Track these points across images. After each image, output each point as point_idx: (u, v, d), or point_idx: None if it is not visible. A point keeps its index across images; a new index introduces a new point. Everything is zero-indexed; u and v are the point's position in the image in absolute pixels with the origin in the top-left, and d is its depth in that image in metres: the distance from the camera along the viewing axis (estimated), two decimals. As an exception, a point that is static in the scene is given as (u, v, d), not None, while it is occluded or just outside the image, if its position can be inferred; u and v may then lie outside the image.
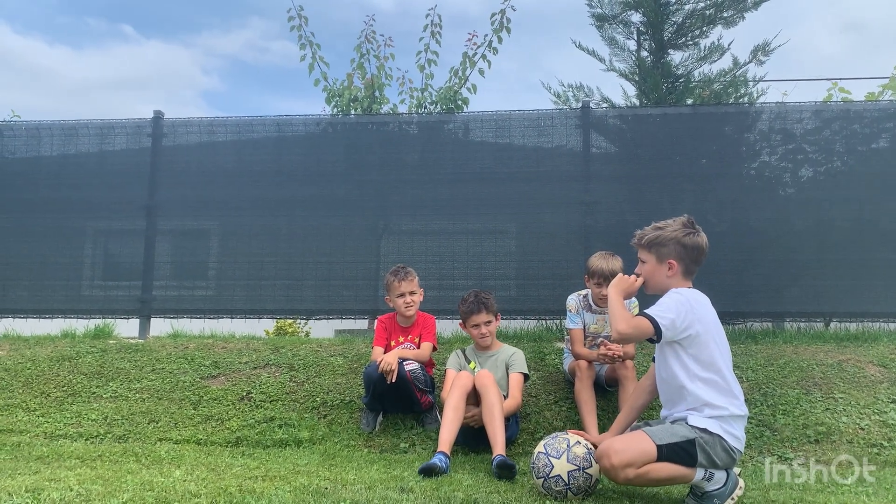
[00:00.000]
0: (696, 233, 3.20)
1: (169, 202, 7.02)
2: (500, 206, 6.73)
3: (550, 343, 5.90)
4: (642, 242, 3.25)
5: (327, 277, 6.74)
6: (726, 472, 3.02)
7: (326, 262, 6.75)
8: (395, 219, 6.95)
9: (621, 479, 2.90)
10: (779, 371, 5.26)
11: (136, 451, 4.31)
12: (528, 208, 6.66)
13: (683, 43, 9.30)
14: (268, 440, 4.70)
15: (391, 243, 6.87)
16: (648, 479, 2.91)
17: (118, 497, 2.84)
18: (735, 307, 6.33)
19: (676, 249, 3.16)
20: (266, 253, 6.83)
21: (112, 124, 7.16)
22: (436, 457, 3.74)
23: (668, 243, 3.17)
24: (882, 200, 6.36)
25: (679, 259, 3.15)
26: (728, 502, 2.97)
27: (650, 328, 2.99)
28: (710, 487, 2.97)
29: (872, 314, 6.34)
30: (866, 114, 6.61)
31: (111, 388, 5.42)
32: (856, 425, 4.63)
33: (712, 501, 2.96)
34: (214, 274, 7.01)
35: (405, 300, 4.89)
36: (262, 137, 7.04)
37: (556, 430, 4.75)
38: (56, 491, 2.90)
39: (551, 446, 3.20)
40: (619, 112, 7.76)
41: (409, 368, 4.61)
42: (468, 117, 7.11)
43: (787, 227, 6.49)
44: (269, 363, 5.66)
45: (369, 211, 6.87)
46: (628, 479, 2.89)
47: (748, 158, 6.74)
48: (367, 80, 8.62)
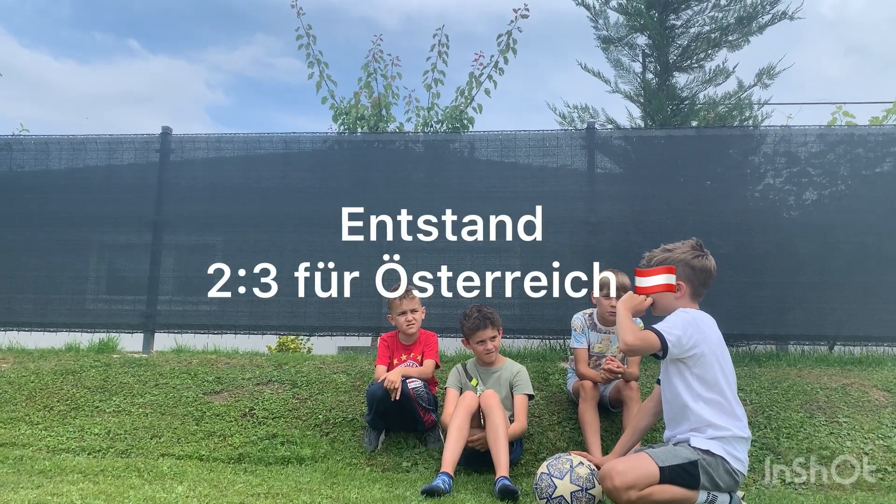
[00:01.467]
0: (704, 255, 3.23)
1: (175, 217, 7.04)
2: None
3: (554, 363, 5.89)
4: (651, 264, 3.27)
5: (333, 294, 6.73)
6: (729, 494, 3.02)
7: (330, 278, 6.74)
8: (399, 236, 6.95)
9: (623, 501, 2.90)
10: (783, 394, 5.24)
11: (139, 466, 4.31)
12: (532, 226, 6.66)
13: (688, 66, 9.35)
14: (270, 457, 4.70)
15: (396, 260, 6.87)
16: (651, 501, 2.91)
17: (121, 512, 2.84)
18: (739, 329, 6.32)
19: (685, 271, 3.18)
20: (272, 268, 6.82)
21: (120, 139, 7.21)
22: (438, 478, 3.73)
23: (676, 265, 3.19)
24: (886, 224, 6.36)
25: (687, 281, 3.18)
26: (731, 526, 2.96)
27: (657, 342, 3.02)
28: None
29: (876, 338, 6.32)
30: (870, 138, 6.64)
31: (114, 402, 5.43)
32: (860, 450, 4.61)
33: (715, 524, 2.95)
34: (219, 289, 7.01)
35: (407, 318, 4.91)
36: (268, 154, 7.08)
37: (559, 450, 4.74)
38: (59, 505, 2.91)
39: (554, 467, 3.21)
40: (624, 133, 7.80)
41: (412, 386, 4.61)
42: (474, 136, 7.15)
43: (791, 249, 6.49)
44: (272, 379, 5.67)
45: (374, 227, 6.86)
46: (630, 501, 2.88)
47: (752, 181, 6.76)
48: (374, 98, 8.68)
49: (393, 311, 4.97)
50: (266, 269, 6.79)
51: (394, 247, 6.92)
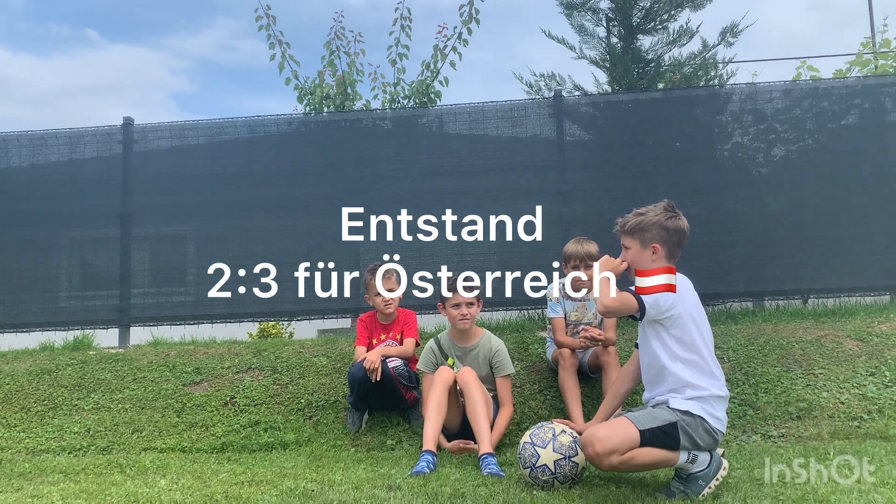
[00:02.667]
0: (677, 216, 3.24)
1: (143, 209, 6.93)
2: (478, 197, 6.73)
3: (533, 333, 5.92)
4: (625, 229, 3.27)
5: (308, 277, 6.69)
6: (710, 453, 3.05)
7: (306, 261, 6.70)
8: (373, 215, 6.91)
9: (606, 466, 2.92)
10: (759, 350, 5.31)
11: (121, 462, 4.27)
12: (505, 199, 6.66)
13: (652, 27, 9.32)
14: (253, 444, 4.68)
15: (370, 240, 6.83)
16: (633, 464, 2.93)
17: (102, 510, 2.82)
18: (714, 288, 6.38)
19: (659, 233, 3.19)
20: (244, 255, 6.77)
21: (81, 133, 7.07)
22: (422, 459, 3.72)
23: (650, 228, 3.20)
24: (852, 176, 6.44)
25: (662, 243, 3.18)
26: (713, 483, 3.00)
27: (635, 304, 3.04)
28: (695, 469, 2.99)
29: (848, 289, 6.41)
30: (835, 91, 6.68)
31: (93, 399, 5.37)
32: (836, 400, 4.69)
33: (697, 483, 2.98)
34: (193, 279, 6.95)
35: (384, 299, 4.89)
36: (234, 139, 6.98)
37: (541, 419, 4.77)
38: (39, 508, 2.87)
39: (537, 436, 3.22)
40: (592, 99, 7.78)
41: (392, 365, 4.60)
42: (442, 110, 7.09)
43: (761, 206, 6.55)
44: (251, 367, 5.64)
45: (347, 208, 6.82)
46: (613, 466, 2.91)
47: (721, 140, 6.79)
48: (338, 76, 8.58)
49: (370, 292, 4.95)
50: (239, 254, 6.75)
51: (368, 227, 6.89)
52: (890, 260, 6.33)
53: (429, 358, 4.50)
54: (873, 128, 6.53)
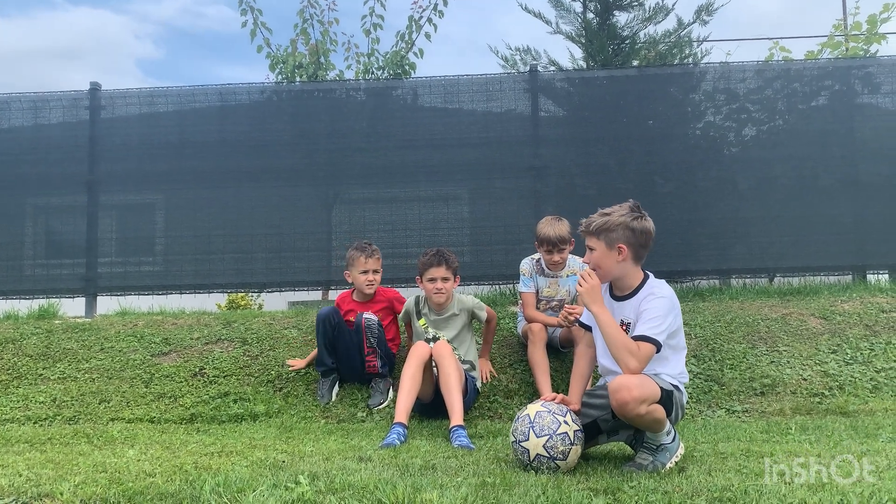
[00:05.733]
0: (642, 217, 3.20)
1: (111, 176, 6.81)
2: (452, 171, 6.72)
3: (505, 307, 5.94)
4: (590, 229, 3.24)
5: (278, 249, 6.66)
6: (674, 428, 3.13)
7: (276, 233, 6.66)
8: (345, 187, 6.89)
9: (632, 414, 2.87)
10: (726, 327, 5.40)
11: (88, 432, 4.22)
12: (480, 174, 6.66)
13: (629, 4, 9.33)
14: (223, 416, 4.66)
15: (342, 212, 6.81)
16: (651, 418, 2.92)
17: (70, 480, 2.78)
18: (683, 266, 6.47)
19: (625, 234, 3.16)
20: (214, 226, 6.71)
21: (47, 97, 6.90)
22: (392, 431, 3.73)
23: (616, 228, 3.17)
24: (821, 157, 6.54)
25: (628, 244, 3.15)
26: (673, 459, 3.05)
27: (654, 350, 3.00)
28: (666, 440, 3.05)
29: (813, 268, 6.54)
30: (806, 72, 6.75)
31: (58, 369, 5.30)
32: (799, 376, 4.80)
33: (665, 454, 3.03)
34: (161, 249, 6.87)
35: (368, 278, 4.87)
36: (204, 107, 6.86)
37: (511, 391, 4.83)
38: (4, 477, 2.83)
39: (519, 431, 3.07)
40: (567, 75, 7.77)
41: (365, 316, 4.67)
42: (416, 83, 7.03)
43: (731, 185, 6.62)
44: (221, 338, 5.59)
45: (319, 180, 6.78)
46: (639, 415, 2.87)
47: (693, 119, 6.83)
48: (311, 45, 8.44)
49: (354, 268, 4.90)
50: (209, 225, 6.68)
51: (340, 197, 6.86)
52: (853, 240, 6.47)
53: (406, 310, 4.74)
54: (842, 109, 6.62)
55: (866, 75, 6.62)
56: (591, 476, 2.87)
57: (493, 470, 2.95)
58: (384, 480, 2.61)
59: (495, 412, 4.67)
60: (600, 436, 3.25)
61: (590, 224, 3.24)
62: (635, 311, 3.13)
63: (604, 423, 3.16)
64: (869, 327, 5.33)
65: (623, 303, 3.20)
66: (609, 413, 3.07)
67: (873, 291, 5.98)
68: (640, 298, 3.16)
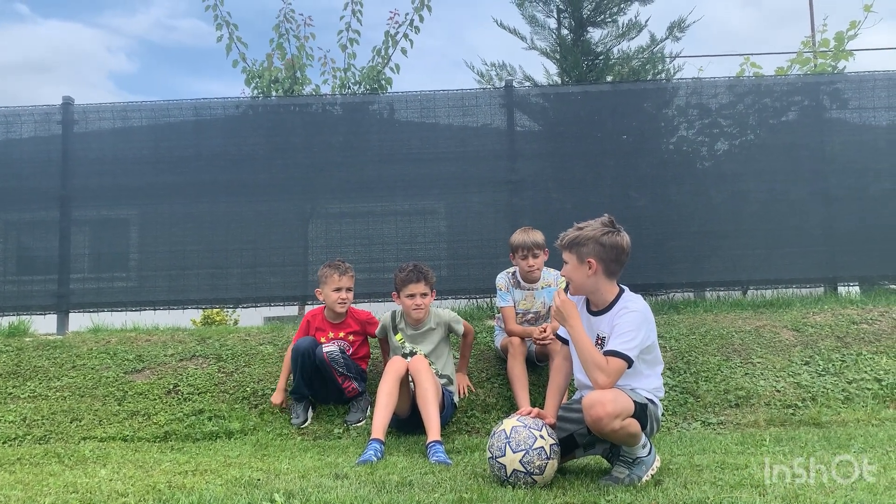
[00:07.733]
0: (615, 232, 3.22)
1: (84, 191, 6.73)
2: (428, 186, 6.73)
3: (482, 321, 5.95)
4: (563, 243, 3.28)
5: (253, 264, 6.61)
6: (649, 441, 3.14)
7: (252, 248, 6.62)
8: (321, 202, 6.87)
9: (607, 429, 2.88)
10: (700, 339, 5.45)
11: (59, 451, 4.15)
12: (456, 188, 6.68)
13: (602, 20, 9.44)
14: (197, 433, 4.61)
15: (319, 227, 6.78)
16: (626, 432, 2.94)
17: (39, 501, 2.74)
18: (657, 279, 6.52)
19: (595, 249, 3.18)
20: (189, 241, 6.64)
21: (18, 112, 6.81)
22: (369, 447, 3.71)
23: (587, 243, 3.19)
24: (792, 171, 6.64)
25: (598, 259, 3.17)
26: (649, 473, 3.06)
27: (625, 365, 3.02)
28: (642, 453, 3.06)
29: (786, 280, 6.63)
30: (776, 88, 6.87)
31: (29, 387, 5.20)
32: (773, 388, 4.85)
33: (641, 467, 3.05)
34: (135, 264, 6.79)
35: (341, 295, 4.83)
36: (179, 122, 6.82)
37: (488, 406, 4.82)
38: (-28, 500, 2.78)
39: (495, 447, 3.06)
40: (542, 90, 7.83)
41: (326, 350, 4.61)
42: (393, 97, 7.05)
43: (705, 199, 6.71)
44: (195, 354, 5.53)
45: (295, 195, 6.75)
46: (613, 430, 2.89)
47: (667, 133, 6.92)
48: (287, 60, 8.43)
49: (326, 286, 4.86)
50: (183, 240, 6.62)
51: (316, 212, 6.84)
52: (824, 253, 6.57)
53: (383, 325, 4.74)
54: (812, 124, 6.74)
55: (834, 91, 6.75)
56: (567, 490, 2.88)
57: (471, 486, 2.94)
58: (360, 498, 2.60)
59: (473, 427, 4.67)
60: (577, 450, 3.27)
61: (564, 237, 3.28)
62: (610, 326, 3.15)
63: (580, 437, 3.17)
64: (840, 339, 5.41)
65: (599, 317, 3.22)
66: (585, 427, 3.08)
67: (844, 303, 6.07)
68: (613, 313, 3.18)
